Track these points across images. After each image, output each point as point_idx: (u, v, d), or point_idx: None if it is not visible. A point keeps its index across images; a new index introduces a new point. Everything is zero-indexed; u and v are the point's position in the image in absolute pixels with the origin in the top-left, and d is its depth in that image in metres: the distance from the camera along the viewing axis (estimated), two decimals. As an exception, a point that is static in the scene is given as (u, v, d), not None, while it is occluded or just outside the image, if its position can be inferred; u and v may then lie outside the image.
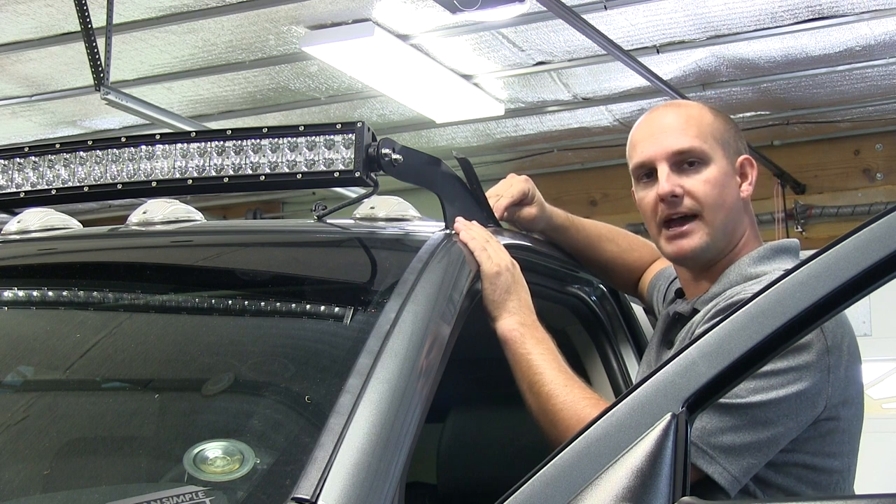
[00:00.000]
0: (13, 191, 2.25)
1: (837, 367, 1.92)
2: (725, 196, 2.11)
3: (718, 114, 2.20)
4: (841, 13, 5.59)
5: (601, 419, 1.40)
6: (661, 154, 2.13)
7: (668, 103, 2.28)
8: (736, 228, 2.13)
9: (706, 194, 2.10)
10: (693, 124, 2.14)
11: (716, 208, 2.10)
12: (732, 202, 2.13)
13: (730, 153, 2.15)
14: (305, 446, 1.54)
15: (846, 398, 1.96)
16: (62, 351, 1.98)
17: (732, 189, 2.13)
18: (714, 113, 2.19)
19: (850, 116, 7.25)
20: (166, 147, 2.12)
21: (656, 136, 2.15)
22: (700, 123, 2.15)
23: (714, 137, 2.14)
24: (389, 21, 5.64)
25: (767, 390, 1.86)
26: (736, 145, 2.17)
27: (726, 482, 1.83)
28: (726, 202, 2.11)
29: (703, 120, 2.16)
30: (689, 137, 2.12)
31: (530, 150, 7.97)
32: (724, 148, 2.14)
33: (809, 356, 1.89)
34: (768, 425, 1.86)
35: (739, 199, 2.14)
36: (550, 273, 2.40)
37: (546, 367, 1.98)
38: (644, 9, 5.53)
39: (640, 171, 2.17)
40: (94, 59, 5.03)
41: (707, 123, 2.15)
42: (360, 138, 1.99)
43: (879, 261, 1.35)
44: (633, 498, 1.33)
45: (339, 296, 2.00)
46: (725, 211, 2.11)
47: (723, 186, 2.11)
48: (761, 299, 1.40)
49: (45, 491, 1.68)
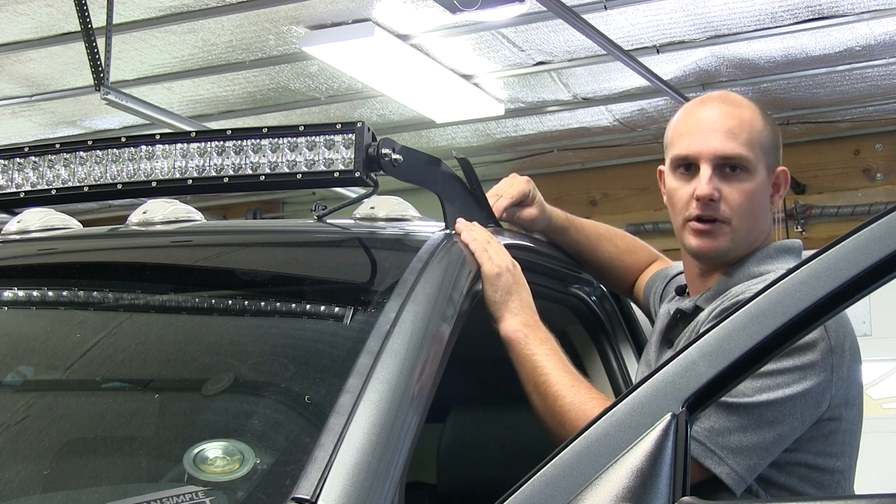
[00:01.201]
0: (13, 191, 2.25)
1: (840, 367, 1.93)
2: (757, 208, 2.11)
3: (768, 120, 2.16)
4: (841, 13, 5.59)
5: (601, 419, 1.40)
6: (707, 154, 2.09)
7: (722, 96, 2.21)
8: (759, 235, 2.14)
9: (741, 205, 2.09)
10: (745, 129, 2.10)
11: (746, 218, 2.10)
12: (762, 213, 2.13)
13: (770, 164, 2.13)
14: (305, 446, 1.54)
15: (848, 398, 1.96)
16: (62, 351, 1.98)
17: (765, 200, 2.13)
18: (765, 119, 2.15)
19: (850, 116, 7.25)
20: (166, 147, 2.12)
21: (705, 133, 2.11)
22: (752, 129, 2.11)
23: (761, 147, 2.11)
24: (389, 21, 5.64)
25: (773, 389, 1.86)
26: (776, 155, 2.16)
27: (733, 482, 1.83)
28: (756, 213, 2.11)
29: (755, 126, 2.12)
30: (739, 144, 2.09)
31: (530, 150, 7.97)
32: (767, 158, 2.12)
33: (814, 355, 1.90)
34: (774, 424, 1.87)
35: (769, 209, 2.15)
36: (550, 273, 2.40)
37: (551, 368, 1.98)
38: (644, 9, 5.53)
39: (680, 162, 2.12)
40: (94, 59, 5.03)
41: (758, 131, 2.11)
42: (360, 138, 1.99)
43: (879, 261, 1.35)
44: (633, 498, 1.33)
45: (339, 296, 2.00)
46: (753, 221, 2.11)
47: (758, 199, 2.11)
48: (761, 299, 1.40)
49: (45, 491, 1.68)
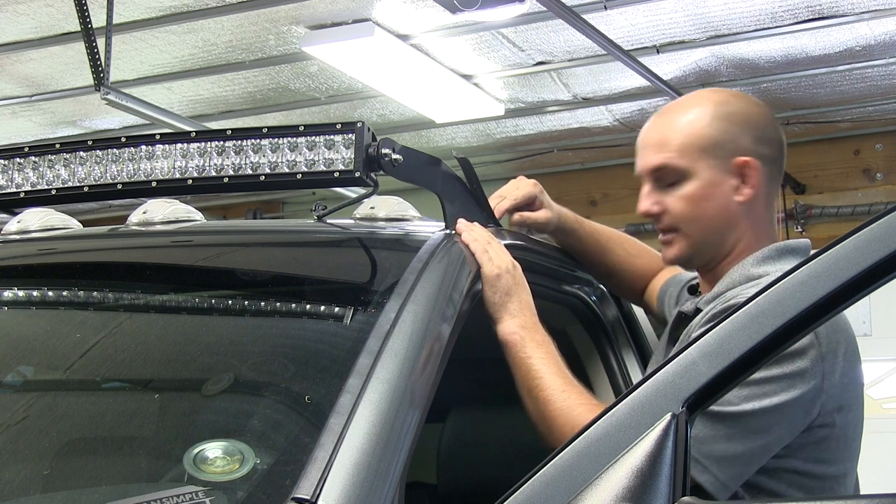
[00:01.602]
0: (13, 191, 2.25)
1: (832, 374, 1.90)
2: (706, 208, 2.07)
3: (720, 114, 2.10)
4: (841, 13, 5.59)
5: (601, 419, 1.40)
6: (642, 171, 2.13)
7: (667, 107, 2.19)
8: (727, 234, 2.09)
9: (681, 210, 2.08)
10: (676, 137, 2.09)
11: (693, 222, 2.08)
12: (715, 212, 2.08)
13: (721, 158, 2.07)
14: (305, 446, 1.54)
15: (842, 404, 1.94)
16: (62, 351, 1.98)
17: (718, 199, 2.07)
18: (712, 117, 2.09)
19: (850, 116, 7.25)
20: (166, 147, 2.12)
21: (640, 150, 2.15)
22: (685, 134, 2.08)
23: (700, 147, 2.07)
24: (389, 21, 5.64)
25: (760, 398, 1.84)
26: (735, 146, 2.07)
27: (716, 490, 1.81)
28: (706, 214, 2.08)
29: (690, 129, 2.08)
30: (665, 154, 2.08)
31: (530, 150, 7.98)
32: (713, 155, 2.07)
33: (804, 363, 1.87)
34: (761, 433, 1.85)
35: (731, 205, 2.08)
36: (551, 273, 2.40)
37: (545, 372, 1.98)
38: (644, 9, 5.53)
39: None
40: (94, 59, 5.03)
41: (693, 133, 2.08)
42: (360, 138, 1.99)
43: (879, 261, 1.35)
44: (633, 498, 1.33)
45: (339, 296, 2.00)
46: (706, 222, 2.08)
47: (702, 199, 2.07)
48: (761, 299, 1.40)
49: (45, 491, 1.68)
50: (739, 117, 2.10)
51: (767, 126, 2.13)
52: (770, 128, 2.13)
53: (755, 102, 2.19)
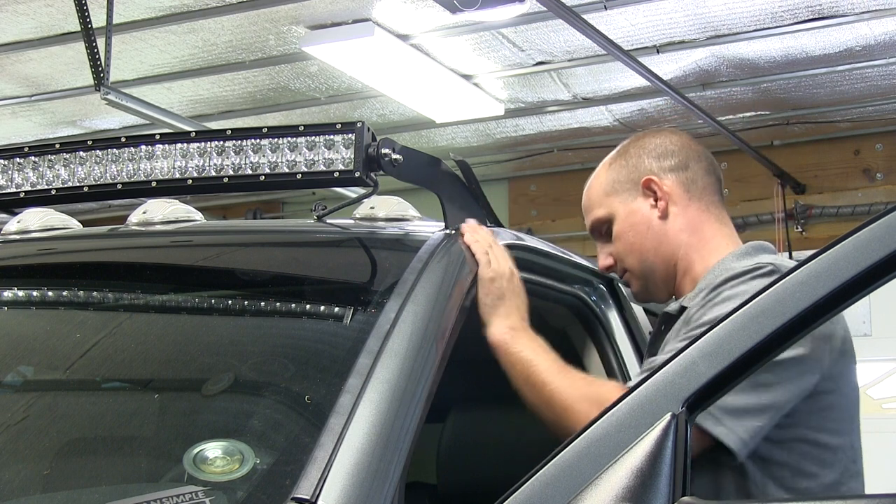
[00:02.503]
0: (13, 191, 2.25)
1: (833, 338, 1.97)
2: (632, 237, 2.22)
3: (613, 158, 2.28)
4: (841, 13, 5.59)
5: (601, 419, 1.40)
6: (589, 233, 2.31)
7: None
8: (663, 252, 2.20)
9: (619, 252, 2.24)
10: (590, 196, 2.28)
11: (630, 255, 2.23)
12: (642, 236, 2.21)
13: (628, 189, 2.23)
14: (305, 446, 1.54)
15: (844, 371, 2.01)
16: (62, 351, 1.98)
17: (639, 223, 2.21)
18: (608, 162, 2.27)
19: (850, 116, 7.24)
20: (166, 147, 2.12)
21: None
22: (594, 190, 2.28)
23: (607, 192, 2.25)
24: (389, 21, 5.64)
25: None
26: (636, 173, 2.23)
27: (734, 443, 1.85)
28: (635, 242, 2.22)
29: (597, 181, 2.27)
30: (590, 214, 2.28)
31: (530, 150, 7.97)
32: (620, 191, 2.23)
33: None
34: (770, 388, 1.89)
35: (653, 224, 2.20)
36: (550, 273, 2.40)
37: (539, 360, 2.01)
38: (644, 9, 5.53)
39: None
40: (94, 59, 5.03)
41: (599, 184, 2.27)
42: (359, 138, 1.99)
43: (879, 261, 1.35)
44: (633, 498, 1.33)
45: (339, 296, 2.00)
46: (638, 249, 2.22)
47: (627, 231, 2.22)
48: (761, 299, 1.40)
49: (45, 491, 1.68)
50: (632, 149, 2.27)
51: (663, 142, 2.26)
52: (667, 142, 2.26)
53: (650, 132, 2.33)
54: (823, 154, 7.58)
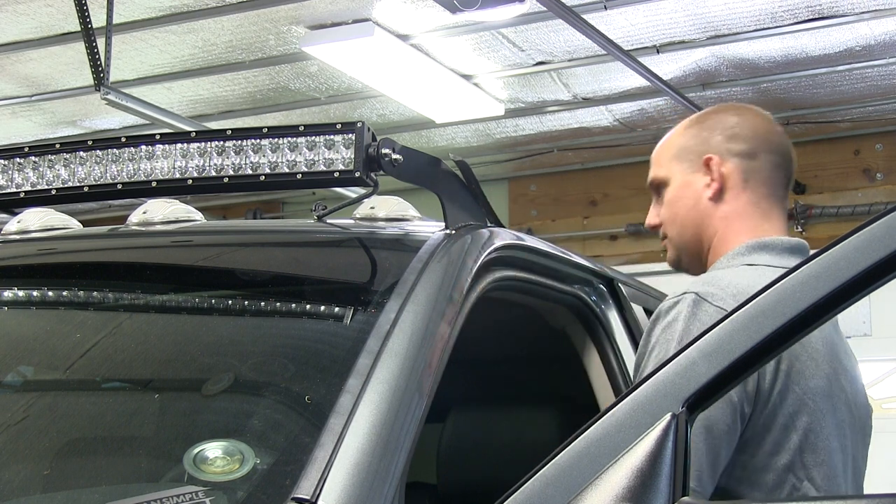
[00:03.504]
0: (13, 191, 2.25)
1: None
2: (679, 208, 2.22)
3: (692, 122, 2.26)
4: (841, 13, 5.60)
5: (601, 419, 1.40)
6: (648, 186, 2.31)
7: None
8: (701, 230, 2.20)
9: (664, 216, 2.25)
10: (658, 152, 2.28)
11: (672, 224, 2.24)
12: (688, 210, 2.21)
13: (690, 161, 2.21)
14: (305, 446, 1.54)
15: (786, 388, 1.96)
16: (62, 351, 1.98)
17: (689, 197, 2.20)
18: (687, 124, 2.26)
19: (850, 116, 7.25)
20: (166, 147, 2.12)
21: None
22: (665, 147, 2.27)
23: (672, 155, 2.24)
24: (389, 21, 5.64)
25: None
26: (704, 147, 2.20)
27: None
28: (679, 213, 2.22)
29: (668, 142, 2.27)
30: (653, 169, 2.27)
31: (530, 150, 7.98)
32: (682, 159, 2.22)
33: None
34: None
35: (702, 201, 2.19)
36: (550, 273, 2.40)
37: None
38: (644, 9, 5.53)
39: None
40: (94, 59, 5.04)
41: (668, 145, 2.26)
42: (360, 138, 1.99)
43: (879, 261, 1.35)
44: (633, 498, 1.33)
45: (339, 296, 2.00)
46: (680, 221, 2.22)
47: (676, 200, 2.22)
48: (761, 299, 1.40)
49: (45, 491, 1.68)
50: (711, 121, 2.24)
51: (741, 125, 2.23)
52: (745, 124, 2.23)
53: (736, 108, 2.29)
54: (823, 154, 7.58)
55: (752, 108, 2.30)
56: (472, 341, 1.93)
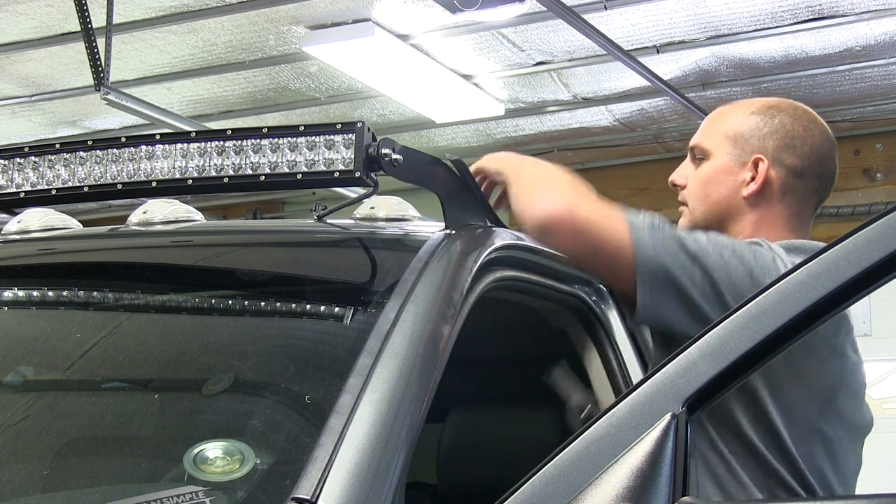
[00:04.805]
0: (13, 191, 2.25)
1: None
2: (711, 191, 2.20)
3: (760, 112, 2.22)
4: (841, 13, 5.59)
5: (601, 419, 1.40)
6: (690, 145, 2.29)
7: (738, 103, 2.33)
8: (727, 224, 2.19)
9: (692, 188, 2.23)
10: (715, 122, 2.25)
11: (698, 200, 2.22)
12: (720, 197, 2.20)
13: (741, 150, 2.19)
14: (305, 446, 1.54)
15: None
16: (62, 351, 1.98)
17: (726, 185, 2.19)
18: (754, 111, 2.22)
19: (850, 116, 7.25)
20: (166, 147, 2.12)
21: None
22: (722, 121, 2.24)
23: (726, 135, 2.21)
24: (389, 21, 5.64)
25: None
26: (759, 144, 2.19)
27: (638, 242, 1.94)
28: (710, 196, 2.20)
29: (729, 118, 2.23)
30: (699, 135, 2.24)
31: (530, 150, 7.97)
32: (735, 144, 2.19)
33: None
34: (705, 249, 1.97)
35: (736, 196, 2.18)
36: (550, 273, 2.40)
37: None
38: (644, 9, 5.53)
39: None
40: (94, 59, 5.04)
41: (727, 121, 2.23)
42: (360, 138, 1.99)
43: (879, 261, 1.35)
44: (633, 498, 1.33)
45: (339, 296, 2.00)
46: (709, 203, 2.20)
47: (711, 182, 2.20)
48: (761, 299, 1.40)
49: (45, 491, 1.68)
50: (776, 123, 2.21)
51: (803, 140, 2.21)
52: (806, 144, 2.20)
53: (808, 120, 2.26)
54: (823, 154, 7.57)
55: (822, 125, 2.28)
56: (471, 341, 1.93)
